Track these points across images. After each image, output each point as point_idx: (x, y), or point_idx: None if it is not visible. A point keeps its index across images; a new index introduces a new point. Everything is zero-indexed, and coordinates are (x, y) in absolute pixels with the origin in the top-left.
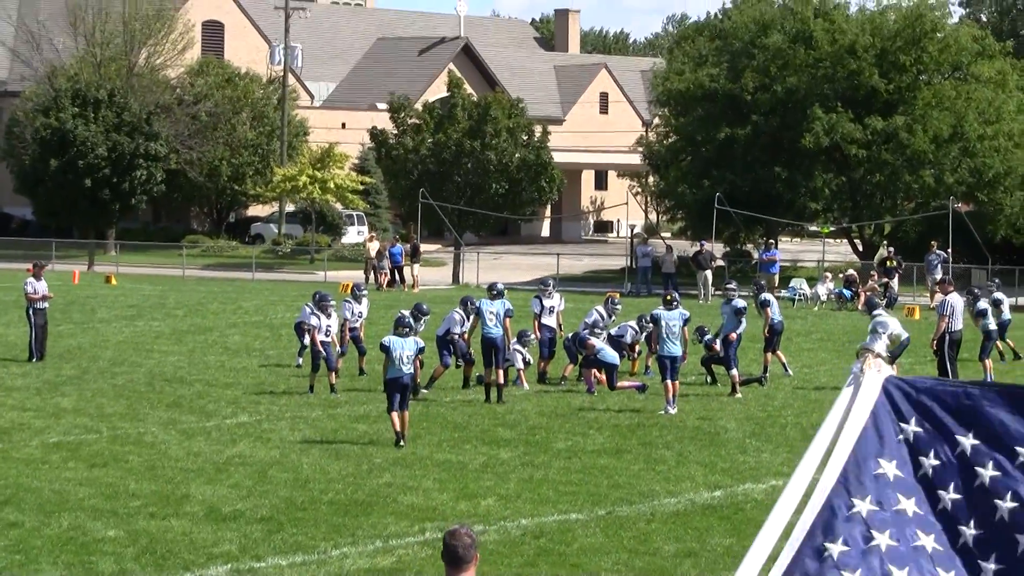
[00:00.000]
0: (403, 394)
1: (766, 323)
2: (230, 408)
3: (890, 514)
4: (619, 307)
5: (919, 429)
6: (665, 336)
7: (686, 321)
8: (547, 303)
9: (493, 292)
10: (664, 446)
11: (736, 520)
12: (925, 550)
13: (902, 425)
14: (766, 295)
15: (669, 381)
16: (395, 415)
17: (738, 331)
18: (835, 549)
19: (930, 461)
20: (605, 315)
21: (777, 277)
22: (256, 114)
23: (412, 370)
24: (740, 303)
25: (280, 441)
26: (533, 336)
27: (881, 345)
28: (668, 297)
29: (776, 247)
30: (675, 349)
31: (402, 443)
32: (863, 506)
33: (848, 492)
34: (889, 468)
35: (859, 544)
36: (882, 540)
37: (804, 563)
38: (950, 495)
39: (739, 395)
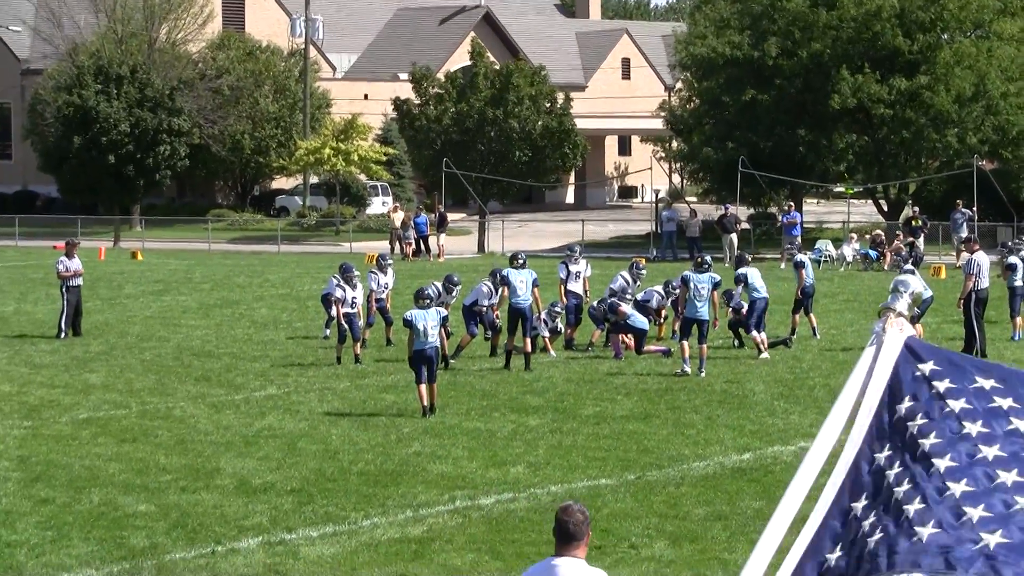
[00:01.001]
0: (429, 366)
1: (800, 285)
2: (258, 381)
3: (908, 461)
4: (644, 272)
5: (937, 368)
6: (692, 298)
7: (716, 285)
8: (573, 268)
9: (518, 262)
10: (692, 410)
11: (766, 483)
12: (939, 471)
13: (919, 366)
14: (800, 256)
15: (686, 342)
16: (423, 388)
17: (735, 302)
18: (858, 506)
19: (958, 403)
20: (631, 280)
21: (799, 239)
22: (278, 87)
23: (437, 341)
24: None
25: (309, 413)
26: (560, 307)
27: (903, 304)
28: (699, 260)
29: (798, 210)
30: (702, 312)
31: (429, 415)
32: (881, 456)
33: (870, 450)
34: (904, 403)
35: (884, 501)
36: (891, 473)
37: (831, 524)
38: (977, 427)
39: (766, 355)
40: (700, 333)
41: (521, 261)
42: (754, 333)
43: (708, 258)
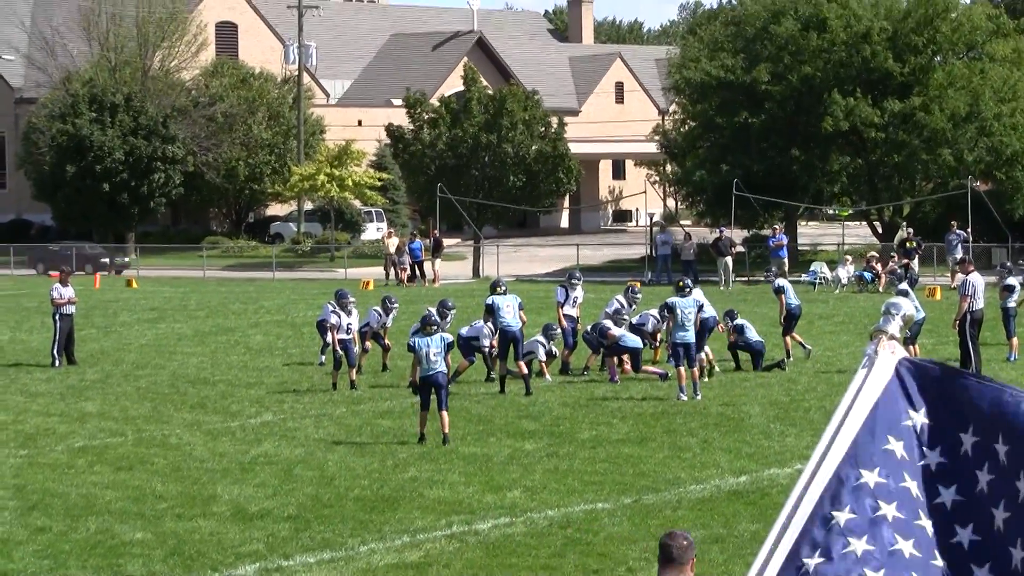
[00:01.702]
0: (438, 393)
1: (782, 310)
2: (254, 408)
3: (896, 488)
4: (639, 296)
5: (926, 421)
6: (680, 323)
7: (700, 307)
8: (572, 293)
9: (501, 288)
10: (688, 433)
11: (762, 505)
12: (926, 532)
13: (911, 413)
14: (780, 281)
15: (683, 368)
16: (425, 414)
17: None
18: (842, 517)
19: (935, 456)
20: (626, 304)
21: (787, 261)
22: (272, 114)
23: (443, 367)
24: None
25: (305, 439)
26: (558, 329)
27: (895, 326)
28: (680, 284)
29: (791, 232)
30: (689, 336)
31: (426, 441)
32: (871, 477)
33: (856, 463)
34: (897, 447)
35: (866, 512)
36: (888, 511)
37: (812, 532)
38: (951, 495)
39: (707, 379)
40: (688, 357)
41: (503, 288)
42: (702, 353)
43: (689, 281)
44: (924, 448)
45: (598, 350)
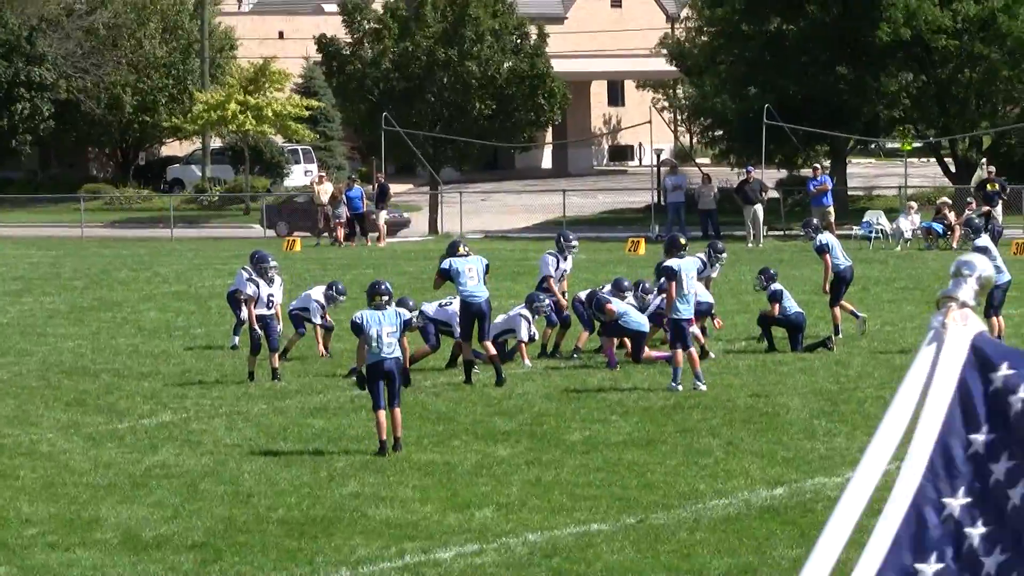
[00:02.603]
0: (390, 384)
1: (827, 273)
2: (148, 405)
3: (984, 498)
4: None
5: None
6: (686, 291)
7: (701, 270)
8: (564, 264)
9: (463, 250)
10: (709, 433)
11: (803, 524)
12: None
13: (991, 375)
14: (823, 237)
15: (680, 350)
16: (382, 414)
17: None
18: (928, 569)
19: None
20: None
21: (832, 210)
22: (168, 25)
23: (398, 352)
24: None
25: (214, 445)
26: (547, 301)
27: (968, 291)
28: (682, 240)
29: (828, 172)
30: (691, 309)
31: (394, 450)
32: (955, 504)
33: (938, 491)
34: (979, 438)
35: (951, 556)
36: (974, 533)
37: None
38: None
39: (712, 355)
40: (688, 334)
41: (465, 249)
42: (695, 330)
43: (683, 236)
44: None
45: (592, 327)
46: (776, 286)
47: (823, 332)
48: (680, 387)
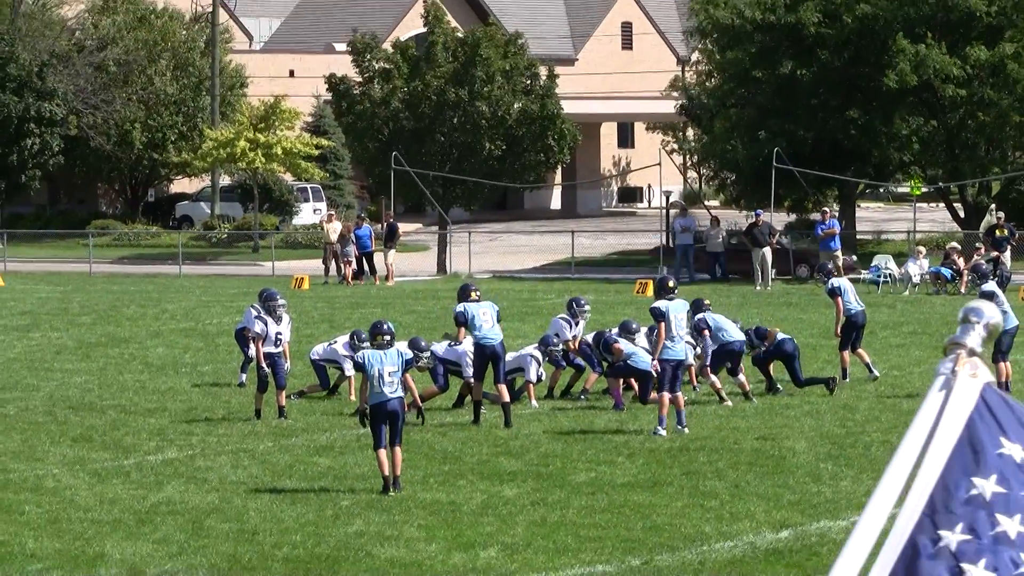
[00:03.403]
0: (393, 424)
1: (839, 317)
2: (154, 441)
3: (986, 541)
4: (587, 309)
5: None
6: (675, 333)
7: (688, 311)
8: (575, 330)
9: (475, 294)
10: (714, 475)
11: (809, 568)
12: None
13: (1004, 441)
14: (835, 280)
15: (667, 393)
16: (382, 454)
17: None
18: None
19: None
20: (570, 321)
21: (840, 254)
22: (179, 62)
23: (400, 391)
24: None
25: (219, 482)
26: (560, 345)
27: (976, 338)
28: (670, 284)
29: (836, 216)
30: (680, 351)
31: (392, 491)
32: (952, 538)
33: (934, 524)
34: (987, 486)
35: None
36: (975, 572)
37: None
38: None
39: (728, 402)
40: (675, 379)
41: (477, 293)
42: (712, 378)
43: (672, 279)
44: None
45: (600, 368)
46: (759, 326)
47: (824, 371)
48: (664, 432)
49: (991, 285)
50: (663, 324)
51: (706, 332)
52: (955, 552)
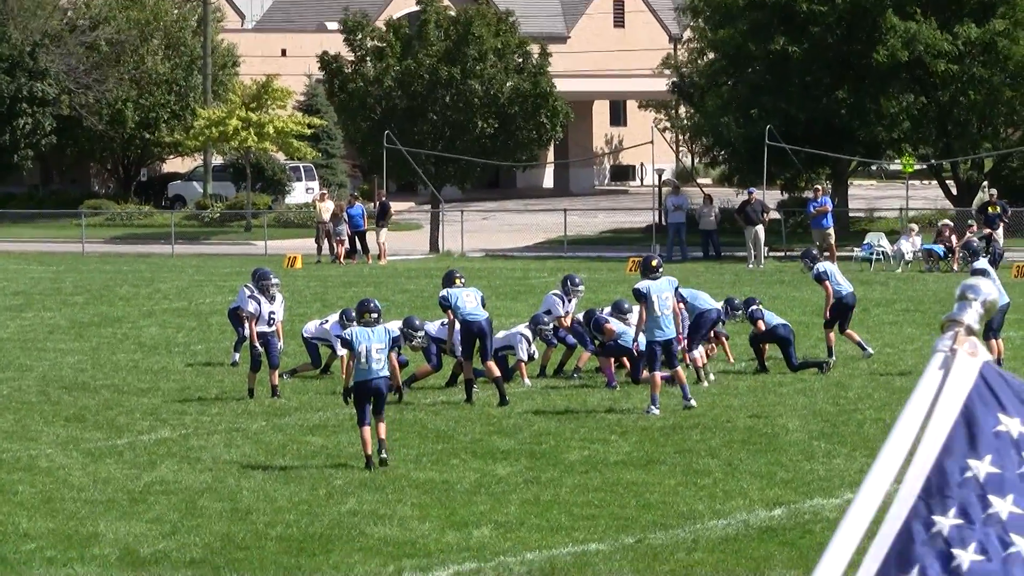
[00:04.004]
0: (377, 401)
1: (829, 300)
2: (147, 421)
3: (978, 524)
4: (580, 288)
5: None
6: (658, 313)
7: (676, 289)
8: (568, 306)
9: (459, 280)
10: (708, 453)
11: (802, 546)
12: (1020, 556)
13: (1002, 417)
14: (821, 265)
15: (658, 372)
16: (367, 431)
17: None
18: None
19: None
20: (564, 298)
21: (832, 232)
22: (170, 41)
23: (386, 369)
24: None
25: (212, 461)
26: (550, 324)
27: (973, 314)
28: (653, 263)
29: (828, 194)
30: (668, 331)
31: (381, 458)
32: (944, 523)
33: (929, 509)
34: (980, 467)
35: (937, 570)
36: (964, 556)
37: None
38: None
39: (706, 384)
40: (670, 355)
41: (462, 280)
42: (694, 353)
43: (660, 258)
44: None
45: (592, 346)
46: (753, 307)
47: (822, 354)
48: (657, 411)
49: (982, 262)
50: (644, 304)
51: (681, 305)
52: (947, 537)
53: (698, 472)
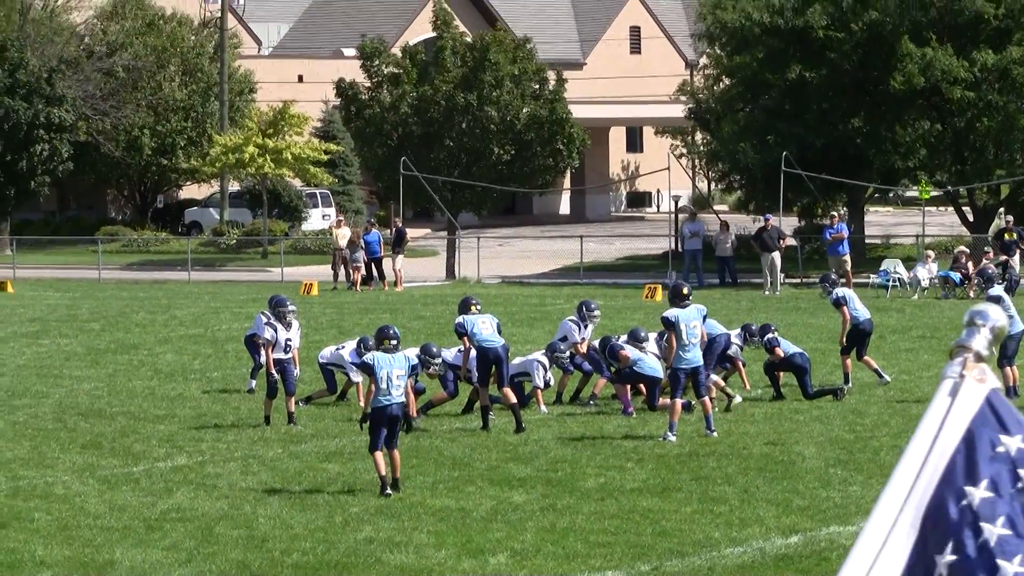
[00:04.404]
0: (391, 428)
1: (845, 326)
2: (163, 448)
3: (973, 555)
4: (596, 313)
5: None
6: (686, 341)
7: (704, 317)
8: (584, 333)
9: (475, 307)
10: (724, 481)
11: (818, 574)
12: None
13: (1003, 438)
14: (839, 291)
15: (679, 400)
16: (379, 455)
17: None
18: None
19: None
20: (580, 324)
21: (849, 259)
22: (188, 68)
23: (403, 396)
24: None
25: (229, 488)
26: (567, 353)
27: (982, 341)
28: (684, 291)
29: (845, 220)
30: (695, 358)
31: (389, 491)
32: (941, 560)
33: (925, 546)
34: (976, 493)
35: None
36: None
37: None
38: None
39: (738, 398)
40: (697, 384)
41: (478, 307)
42: (713, 376)
43: (688, 285)
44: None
45: (607, 372)
46: (769, 335)
47: (838, 380)
48: (674, 438)
49: (997, 289)
50: (673, 333)
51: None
52: None
53: (714, 499)
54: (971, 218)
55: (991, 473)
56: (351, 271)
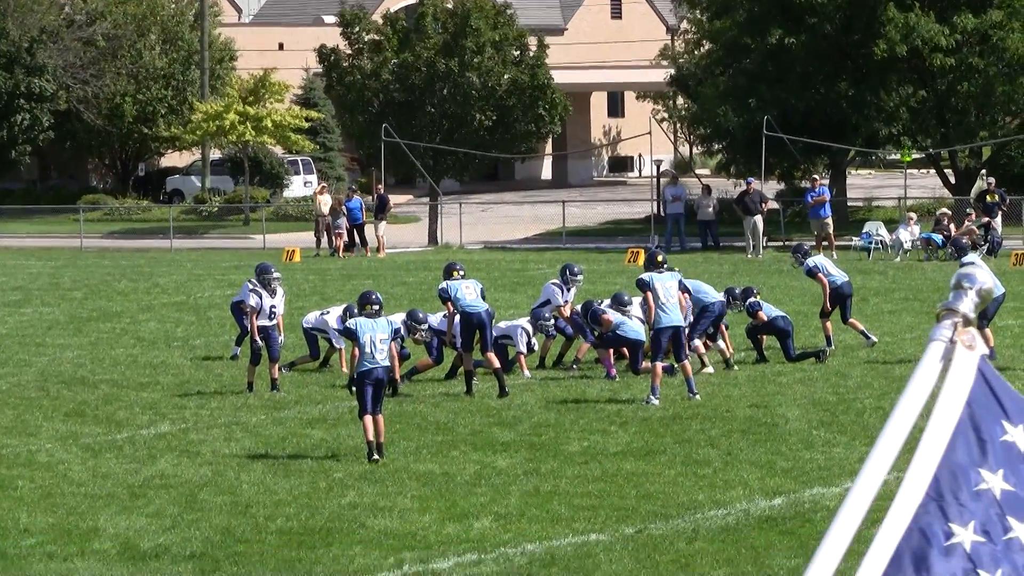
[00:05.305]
0: (376, 392)
1: (826, 292)
2: (147, 415)
3: (1000, 547)
4: (579, 277)
5: None
6: (664, 300)
7: (680, 281)
8: (567, 295)
9: (459, 272)
10: (707, 443)
11: (802, 535)
12: None
13: (1006, 425)
14: (811, 260)
15: (659, 363)
16: (368, 420)
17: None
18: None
19: None
20: (564, 288)
21: (830, 222)
22: (168, 36)
23: (387, 360)
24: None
25: (212, 455)
26: (551, 320)
27: (969, 304)
28: (659, 259)
29: (826, 184)
30: (675, 318)
31: (376, 456)
32: (965, 536)
33: (944, 514)
34: (995, 481)
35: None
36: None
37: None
38: None
39: (710, 368)
40: (678, 346)
41: (461, 272)
42: (695, 342)
43: (662, 252)
44: None
45: (591, 336)
46: (752, 299)
47: (820, 343)
48: (657, 401)
49: (972, 257)
50: (649, 294)
51: (685, 296)
52: (970, 554)
53: (698, 462)
54: (953, 180)
55: (1006, 463)
56: (334, 238)
